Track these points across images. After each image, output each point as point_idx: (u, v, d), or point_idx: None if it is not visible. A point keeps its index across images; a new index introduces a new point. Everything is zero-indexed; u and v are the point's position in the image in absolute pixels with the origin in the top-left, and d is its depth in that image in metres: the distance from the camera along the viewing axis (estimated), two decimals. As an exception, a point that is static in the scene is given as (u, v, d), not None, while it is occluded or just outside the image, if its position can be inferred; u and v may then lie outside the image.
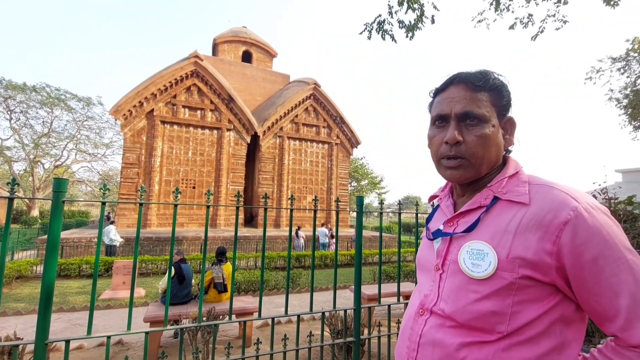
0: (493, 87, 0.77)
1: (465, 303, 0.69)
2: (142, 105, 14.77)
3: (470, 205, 0.77)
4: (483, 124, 0.75)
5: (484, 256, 0.69)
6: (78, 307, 6.22)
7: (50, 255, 1.84)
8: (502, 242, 0.68)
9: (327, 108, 18.78)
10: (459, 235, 0.76)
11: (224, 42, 20.11)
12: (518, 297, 0.65)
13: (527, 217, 0.67)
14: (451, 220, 0.81)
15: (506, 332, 0.65)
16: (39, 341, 1.72)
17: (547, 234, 0.64)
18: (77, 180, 31.47)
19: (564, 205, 0.65)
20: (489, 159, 0.76)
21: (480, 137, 0.74)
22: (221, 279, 4.83)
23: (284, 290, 7.84)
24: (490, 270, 0.67)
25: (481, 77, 0.76)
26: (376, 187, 35.86)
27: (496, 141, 0.76)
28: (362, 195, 35.21)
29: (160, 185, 15.01)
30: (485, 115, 0.75)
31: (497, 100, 0.77)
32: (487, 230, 0.72)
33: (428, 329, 0.74)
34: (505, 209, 0.72)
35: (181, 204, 2.09)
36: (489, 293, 0.67)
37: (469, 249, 0.72)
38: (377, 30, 5.31)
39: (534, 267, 0.64)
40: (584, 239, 0.62)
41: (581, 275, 0.62)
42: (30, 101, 25.22)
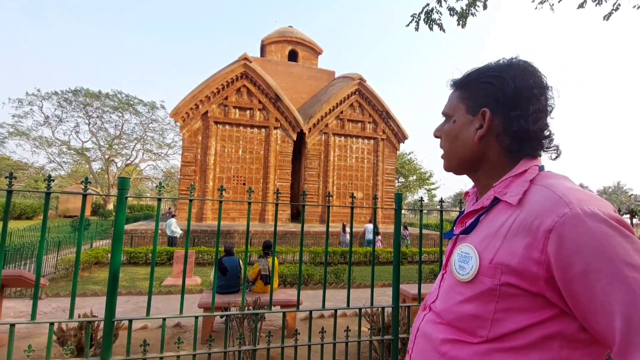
0: (463, 84, 0.79)
1: (451, 303, 0.70)
2: (197, 108, 15.86)
3: (475, 205, 0.76)
4: (447, 120, 0.82)
5: (469, 259, 0.68)
6: (144, 291, 6.93)
7: (116, 244, 2.11)
8: (490, 246, 0.66)
9: (372, 103, 18.51)
10: (460, 236, 0.77)
11: (271, 42, 20.75)
12: (502, 304, 0.62)
13: (517, 221, 0.63)
14: (461, 221, 0.81)
15: (486, 338, 0.63)
16: (107, 319, 1.98)
17: (535, 241, 0.59)
18: (144, 178, 34.82)
19: (551, 211, 0.58)
20: (455, 153, 0.80)
21: (444, 133, 0.82)
22: (267, 271, 5.07)
23: (328, 285, 7.97)
24: (472, 274, 0.66)
25: (462, 77, 0.80)
26: (425, 182, 34.53)
27: (460, 136, 0.78)
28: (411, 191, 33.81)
29: (214, 182, 16.02)
30: (449, 112, 0.81)
31: (465, 95, 0.78)
32: (480, 232, 0.71)
33: (424, 323, 0.77)
34: (501, 211, 0.69)
35: (225, 200, 2.26)
36: (471, 296, 0.66)
37: (460, 252, 0.72)
38: (425, 21, 5.12)
39: (519, 276, 0.60)
40: (570, 249, 0.55)
41: (571, 289, 0.56)
42: (105, 107, 28.42)
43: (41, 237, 2.01)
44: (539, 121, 0.72)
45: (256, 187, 16.57)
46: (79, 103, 27.88)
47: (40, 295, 6.27)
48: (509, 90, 0.71)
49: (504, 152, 0.74)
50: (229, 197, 16.20)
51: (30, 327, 4.47)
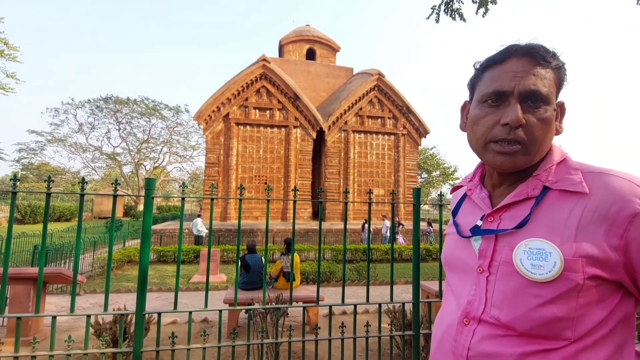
0: (558, 65, 0.67)
1: (526, 309, 0.61)
2: (219, 110, 16.26)
3: (515, 196, 0.68)
4: (546, 107, 0.65)
5: (547, 256, 0.61)
6: (174, 288, 7.23)
7: (144, 241, 2.23)
8: (565, 238, 0.61)
9: (392, 98, 18.26)
10: (508, 232, 0.67)
11: (288, 42, 20.90)
12: (583, 299, 0.59)
13: (588, 209, 0.60)
14: (492, 215, 0.71)
15: (573, 338, 0.59)
16: (138, 312, 2.10)
17: (614, 227, 0.58)
18: (171, 179, 36.12)
19: (631, 195, 0.58)
20: (545, 147, 0.68)
21: (544, 121, 0.65)
22: (289, 268, 5.16)
23: (349, 282, 7.99)
24: (556, 272, 0.59)
25: (548, 52, 0.66)
26: (449, 178, 33.70)
27: (553, 127, 0.68)
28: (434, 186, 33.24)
29: (237, 182, 16.38)
30: (550, 96, 0.66)
31: (559, 81, 0.68)
32: (542, 225, 0.64)
33: (478, 341, 0.65)
34: (559, 201, 0.64)
35: (245, 199, 2.33)
36: (554, 297, 0.59)
37: (527, 248, 0.63)
38: (446, 12, 5.02)
39: (601, 265, 0.58)
40: None
41: None
42: (133, 113, 29.70)
43: (77, 236, 2.17)
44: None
45: (277, 186, 16.79)
46: (109, 110, 29.31)
47: (79, 291, 6.69)
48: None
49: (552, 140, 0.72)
50: (251, 196, 16.52)
51: (71, 321, 4.78)
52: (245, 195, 16.38)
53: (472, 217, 0.76)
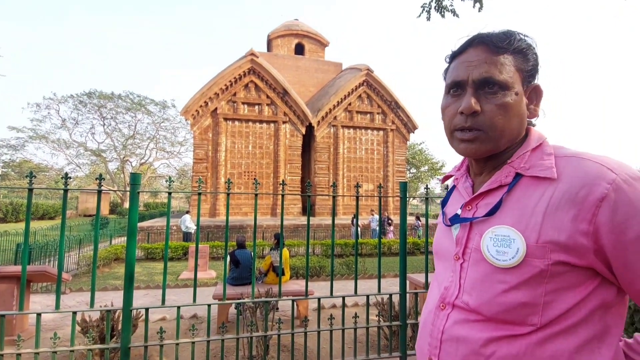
0: (518, 49, 0.67)
1: (492, 295, 0.62)
2: (207, 105, 16.05)
3: (489, 184, 0.69)
4: (505, 92, 0.65)
5: (510, 242, 0.61)
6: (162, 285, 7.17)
7: (130, 237, 2.21)
8: (531, 225, 0.61)
9: (380, 94, 18.33)
10: (480, 219, 0.68)
11: (277, 37, 20.70)
12: (551, 285, 0.58)
13: (557, 194, 0.60)
14: (470, 203, 0.73)
15: (539, 324, 0.59)
16: (125, 308, 2.09)
17: (582, 212, 0.56)
18: (158, 176, 35.57)
19: (599, 179, 0.57)
20: (509, 132, 0.67)
21: (501, 107, 0.65)
22: (279, 263, 5.18)
23: (339, 277, 8.06)
24: (518, 258, 0.60)
25: (505, 38, 0.66)
26: (437, 172, 34.14)
27: (519, 111, 0.67)
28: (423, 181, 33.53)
29: (226, 178, 16.24)
30: (508, 81, 0.65)
31: (523, 64, 0.67)
32: (512, 212, 0.64)
33: (451, 325, 0.67)
34: (530, 187, 0.64)
35: (232, 193, 2.33)
36: (518, 283, 0.60)
37: (493, 235, 0.64)
38: (437, 9, 5.03)
39: (569, 251, 0.57)
40: (625, 215, 0.54)
41: (623, 255, 0.55)
42: (118, 108, 29.04)
43: (61, 232, 2.13)
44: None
45: (267, 182, 16.73)
46: (93, 105, 28.60)
47: (65, 290, 6.57)
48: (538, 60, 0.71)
49: (524, 125, 0.71)
50: (240, 191, 16.41)
51: (57, 320, 4.71)
52: (235, 190, 16.27)
53: (456, 206, 0.77)
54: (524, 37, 0.69)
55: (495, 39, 0.66)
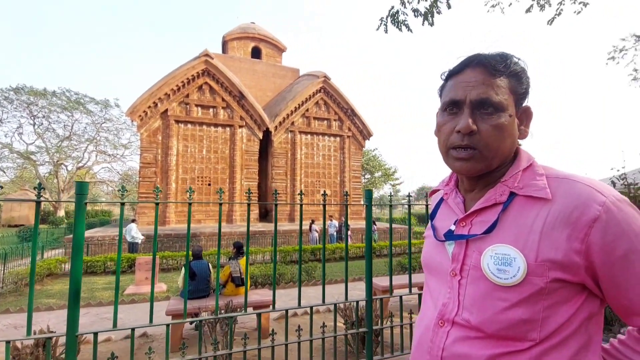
0: (513, 73, 0.70)
1: (493, 312, 0.63)
2: (156, 106, 15.11)
3: (484, 202, 0.71)
4: (500, 113, 0.68)
5: (512, 261, 0.63)
6: (105, 302, 6.53)
7: (76, 254, 1.97)
8: (529, 244, 0.63)
9: (337, 101, 18.70)
10: (477, 237, 0.70)
11: (233, 39, 20.23)
12: (548, 301, 0.61)
13: (552, 214, 0.62)
14: (464, 220, 0.74)
15: (539, 339, 0.61)
16: (70, 333, 1.85)
17: (575, 231, 0.60)
18: (98, 181, 32.60)
19: (591, 201, 0.60)
20: (502, 152, 0.70)
21: (496, 127, 0.68)
22: (238, 273, 4.98)
23: (299, 283, 8.00)
24: (520, 277, 0.62)
25: (502, 61, 0.69)
26: (390, 178, 35.57)
27: (511, 132, 0.70)
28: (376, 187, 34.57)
29: (177, 184, 15.39)
30: (503, 103, 0.68)
31: (517, 87, 0.70)
32: (509, 231, 0.66)
33: (452, 342, 0.68)
34: (525, 206, 0.66)
35: (195, 202, 2.19)
36: (519, 300, 0.62)
37: (493, 254, 0.66)
38: (393, 23, 5.24)
39: (564, 269, 0.60)
40: (614, 235, 0.59)
41: (611, 272, 0.59)
42: (52, 106, 26.18)
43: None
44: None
45: (222, 188, 16.10)
46: (21, 102, 25.44)
47: (-17, 314, 5.70)
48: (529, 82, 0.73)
49: (515, 145, 0.74)
50: (194, 198, 15.64)
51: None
52: (187, 198, 15.46)
53: (448, 221, 0.78)
54: (518, 60, 0.71)
55: (494, 61, 0.69)
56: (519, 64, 0.71)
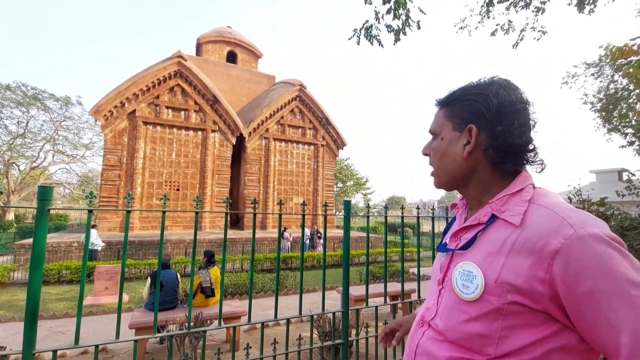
0: (447, 102, 0.82)
1: (455, 322, 0.69)
2: (123, 106, 14.44)
3: (471, 221, 0.76)
4: (434, 138, 0.84)
5: (473, 278, 0.68)
6: (59, 315, 6.04)
7: (35, 267, 1.82)
8: (493, 265, 0.66)
9: (312, 110, 18.83)
10: (458, 252, 0.76)
11: (208, 42, 19.87)
12: (507, 322, 0.63)
13: (519, 240, 0.64)
14: (455, 235, 0.80)
15: (494, 355, 0.63)
16: (26, 351, 1.69)
17: (539, 260, 0.61)
18: (54, 183, 30.42)
19: (556, 232, 0.60)
20: (444, 169, 0.81)
21: (433, 150, 0.84)
22: (209, 283, 4.80)
23: (271, 293, 7.84)
24: (477, 294, 0.66)
25: (446, 96, 0.82)
26: (361, 187, 36.12)
27: (447, 153, 0.79)
28: (348, 196, 34.89)
29: (143, 188, 14.71)
30: (436, 130, 0.83)
31: (451, 113, 0.80)
32: (481, 250, 0.70)
33: (424, 341, 0.76)
34: (500, 229, 0.69)
35: (169, 211, 2.10)
36: (477, 315, 0.66)
37: (461, 269, 0.71)
38: (366, 36, 5.39)
39: (525, 294, 0.62)
40: (576, 270, 0.57)
41: (576, 307, 0.58)
42: (5, 100, 24.23)
43: None
44: (524, 135, 0.74)
45: (192, 193, 15.62)
46: (-33, 95, 23.33)
47: None
48: (493, 106, 0.73)
49: (492, 166, 0.76)
50: (160, 204, 14.99)
51: None
52: (153, 203, 14.80)
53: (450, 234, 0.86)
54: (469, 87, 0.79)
55: (440, 99, 0.84)
56: (459, 92, 0.80)
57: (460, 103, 0.79)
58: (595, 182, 14.72)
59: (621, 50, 5.88)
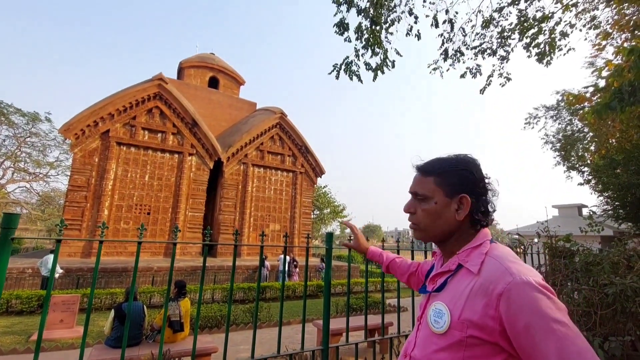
0: (439, 172, 0.97)
1: (428, 352, 0.85)
2: (96, 125, 13.98)
3: (443, 268, 0.95)
4: (426, 201, 0.97)
5: (442, 315, 0.84)
6: (5, 350, 5.42)
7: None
8: (457, 305, 0.83)
9: (292, 137, 19.04)
10: (433, 293, 0.93)
11: (190, 66, 19.99)
12: (468, 352, 0.79)
13: (476, 285, 0.82)
14: (433, 279, 0.98)
15: None
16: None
17: (490, 301, 0.77)
18: (11, 202, 28.34)
19: (501, 279, 0.78)
20: (433, 228, 0.96)
21: (423, 211, 0.97)
22: (177, 317, 4.52)
23: (243, 326, 7.47)
24: (445, 328, 0.82)
25: (431, 165, 0.99)
26: (338, 215, 36.16)
27: (439, 214, 0.94)
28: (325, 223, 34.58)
29: (111, 211, 13.98)
30: (427, 194, 0.97)
31: (442, 182, 0.96)
32: (449, 292, 0.88)
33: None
34: (464, 276, 0.87)
35: (146, 242, 2.00)
36: (445, 346, 0.81)
37: (434, 308, 0.88)
38: (345, 71, 5.63)
39: (480, 329, 0.77)
40: (515, 309, 0.74)
41: (517, 339, 0.74)
42: (-36, 113, 22.85)
43: None
44: (492, 201, 0.98)
45: (163, 217, 15.00)
46: None
47: None
48: (476, 180, 0.96)
49: (469, 225, 0.96)
50: (129, 228, 14.26)
51: None
52: (121, 227, 14.05)
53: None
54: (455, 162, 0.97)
55: (424, 166, 1.01)
56: (448, 165, 0.98)
57: (452, 174, 0.96)
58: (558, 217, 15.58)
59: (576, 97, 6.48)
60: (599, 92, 5.81)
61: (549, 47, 5.84)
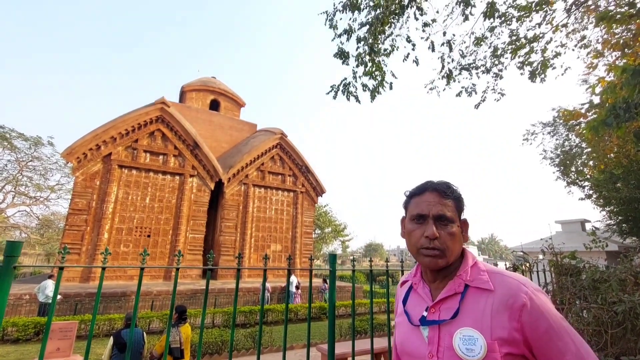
0: (456, 197, 1.00)
1: None
2: (99, 149, 14.13)
3: (447, 292, 0.93)
4: (452, 224, 0.95)
5: (475, 341, 0.82)
6: (-3, 383, 5.25)
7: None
8: (484, 326, 0.82)
9: (293, 157, 19.19)
10: (447, 322, 0.89)
11: (192, 90, 20.41)
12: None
13: (496, 302, 0.84)
14: (434, 307, 0.94)
15: None
16: None
17: (513, 314, 0.81)
18: (10, 226, 28.22)
19: (519, 291, 0.83)
20: (456, 252, 0.95)
21: (450, 234, 0.94)
22: (178, 344, 4.41)
23: (244, 352, 7.27)
24: (483, 353, 0.80)
25: (448, 188, 0.99)
26: (340, 234, 35.88)
27: (459, 237, 0.96)
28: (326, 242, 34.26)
29: (111, 234, 13.90)
30: (453, 217, 0.96)
31: (459, 206, 0.99)
32: (469, 315, 0.86)
33: None
34: (477, 295, 0.88)
35: (148, 267, 1.98)
36: None
37: (462, 335, 0.84)
38: (343, 92, 5.75)
39: (510, 344, 0.80)
40: (536, 316, 0.80)
41: (539, 343, 0.79)
42: (-33, 139, 23.14)
43: None
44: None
45: (164, 240, 14.89)
46: None
47: None
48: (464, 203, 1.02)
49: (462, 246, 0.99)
50: (128, 251, 14.12)
51: None
52: (120, 250, 13.92)
53: (419, 308, 0.97)
54: (456, 188, 1.02)
55: (442, 188, 0.99)
56: (457, 191, 1.02)
57: (461, 200, 1.01)
58: (561, 232, 15.44)
59: (571, 113, 6.57)
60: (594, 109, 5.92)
61: (542, 66, 5.99)
